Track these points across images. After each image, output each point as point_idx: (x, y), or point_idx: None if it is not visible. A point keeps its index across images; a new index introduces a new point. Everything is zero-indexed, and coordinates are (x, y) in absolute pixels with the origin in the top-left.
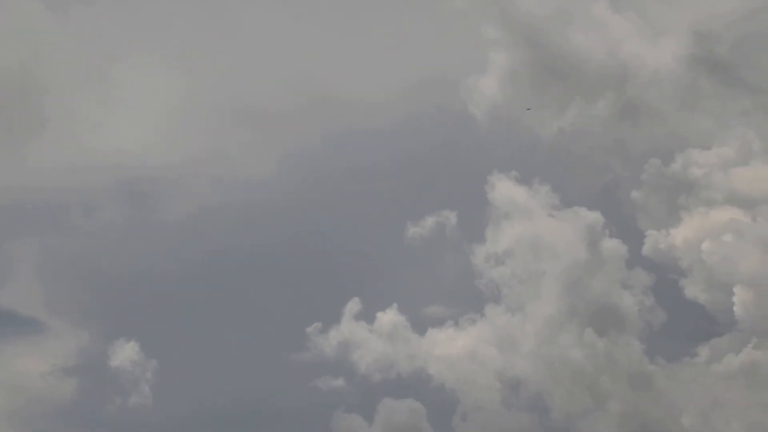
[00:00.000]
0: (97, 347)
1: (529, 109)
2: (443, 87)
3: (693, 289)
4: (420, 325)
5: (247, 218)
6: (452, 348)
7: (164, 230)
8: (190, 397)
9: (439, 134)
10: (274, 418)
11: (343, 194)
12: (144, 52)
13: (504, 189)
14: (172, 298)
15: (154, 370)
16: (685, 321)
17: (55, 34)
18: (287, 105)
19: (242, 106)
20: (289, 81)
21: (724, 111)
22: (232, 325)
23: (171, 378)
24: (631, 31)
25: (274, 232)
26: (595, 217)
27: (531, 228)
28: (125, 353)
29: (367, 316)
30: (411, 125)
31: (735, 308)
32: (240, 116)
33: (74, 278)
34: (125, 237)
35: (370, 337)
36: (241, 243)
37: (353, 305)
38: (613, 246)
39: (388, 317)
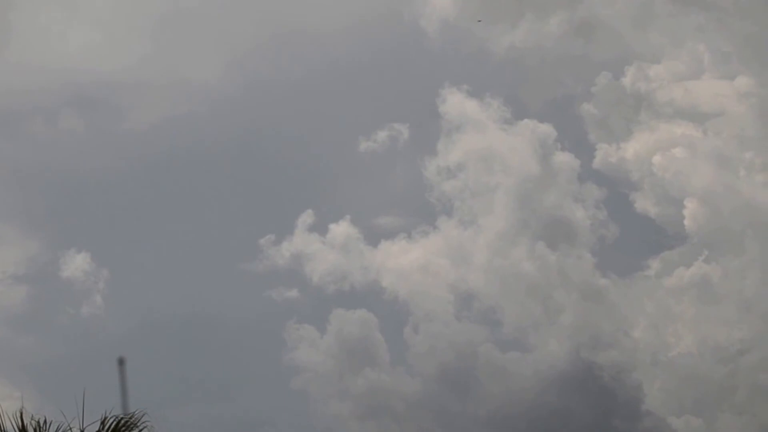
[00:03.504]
0: (48, 256)
1: (480, 20)
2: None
3: (644, 203)
4: (373, 237)
5: (196, 126)
6: (405, 260)
7: (116, 139)
8: (142, 307)
9: (389, 48)
10: (226, 327)
11: (296, 105)
12: None
13: (455, 102)
14: (124, 208)
15: (106, 280)
16: (636, 235)
17: None
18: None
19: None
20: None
21: (678, 27)
22: (185, 234)
23: (123, 288)
24: None
25: (225, 142)
26: (546, 130)
27: (483, 141)
28: (76, 263)
29: (320, 227)
30: (360, 35)
31: (685, 222)
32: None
33: (26, 186)
34: (80, 146)
35: (323, 249)
36: (193, 152)
37: (306, 217)
38: (564, 159)
39: (341, 229)
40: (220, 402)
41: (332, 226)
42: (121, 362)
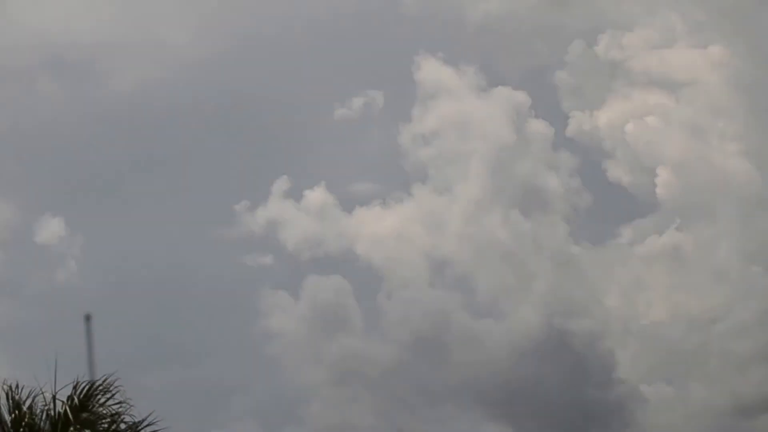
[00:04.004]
0: (21, 221)
1: None
2: None
3: (616, 171)
4: (347, 204)
5: (169, 90)
6: (379, 227)
7: (90, 103)
8: (117, 272)
9: (364, 13)
10: (200, 292)
11: (269, 69)
12: None
13: (431, 70)
14: (99, 173)
15: (81, 246)
16: (608, 203)
17: None
18: None
19: None
20: None
21: None
22: (160, 200)
23: (97, 254)
24: None
25: (198, 106)
26: (521, 98)
27: (457, 109)
28: (51, 228)
29: (295, 194)
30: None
31: (657, 190)
32: None
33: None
34: (58, 112)
35: (298, 215)
36: (167, 116)
37: (281, 183)
38: (538, 128)
39: (316, 195)
40: (192, 367)
41: (307, 193)
42: (87, 319)
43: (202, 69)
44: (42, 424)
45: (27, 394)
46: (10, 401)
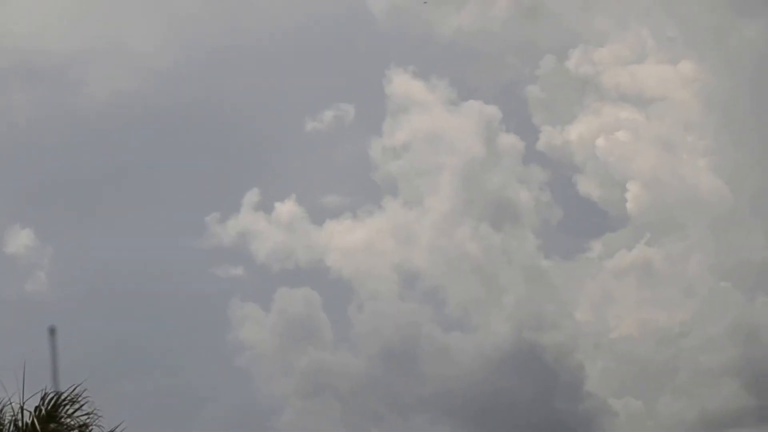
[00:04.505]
0: None
1: (425, 2)
2: None
3: (587, 185)
4: (318, 216)
5: (140, 100)
6: (350, 240)
7: (59, 113)
8: (86, 283)
9: (336, 26)
10: (171, 304)
11: (241, 80)
12: None
13: (401, 83)
14: (68, 183)
15: (50, 257)
16: (579, 217)
17: None
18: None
19: None
20: None
21: (623, 11)
22: (130, 211)
23: (67, 265)
24: None
25: (169, 117)
26: (492, 112)
27: (428, 122)
28: (21, 239)
29: (265, 206)
30: (307, 12)
31: (628, 205)
32: None
33: None
34: (28, 120)
35: (269, 227)
36: (138, 126)
37: (252, 195)
38: (509, 141)
39: (287, 208)
40: (162, 378)
41: (278, 205)
42: (52, 332)
43: (173, 79)
44: None
45: None
46: None
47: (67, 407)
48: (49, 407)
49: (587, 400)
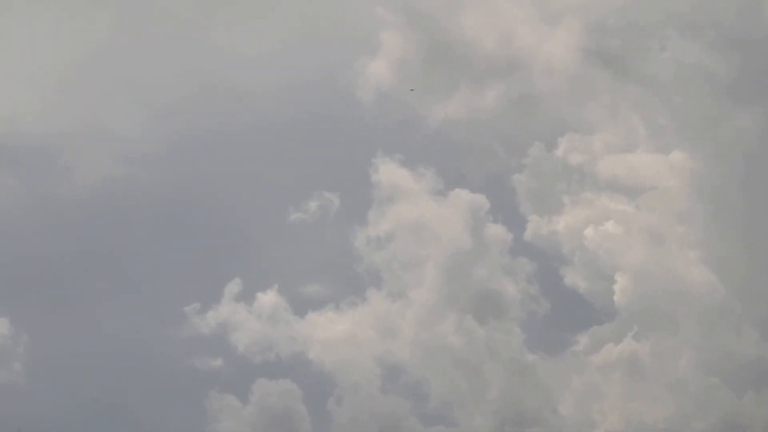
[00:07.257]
0: None
1: (412, 89)
2: (331, 67)
3: (574, 277)
4: (300, 308)
5: (122, 186)
6: (332, 331)
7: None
8: (62, 373)
9: (322, 113)
10: (148, 393)
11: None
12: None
13: (388, 171)
14: (45, 273)
15: (26, 346)
16: (566, 309)
17: None
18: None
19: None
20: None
21: (614, 100)
22: (108, 299)
23: (43, 354)
24: (524, 20)
25: (151, 206)
26: (479, 201)
27: (414, 211)
28: None
29: (247, 296)
30: (293, 99)
31: (615, 297)
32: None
33: None
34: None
35: (250, 318)
36: (118, 215)
37: (234, 286)
38: (496, 232)
39: (269, 298)
40: None
41: (260, 295)
42: None
43: (155, 167)
44: None
45: None
46: None
47: None
48: None
49: None
